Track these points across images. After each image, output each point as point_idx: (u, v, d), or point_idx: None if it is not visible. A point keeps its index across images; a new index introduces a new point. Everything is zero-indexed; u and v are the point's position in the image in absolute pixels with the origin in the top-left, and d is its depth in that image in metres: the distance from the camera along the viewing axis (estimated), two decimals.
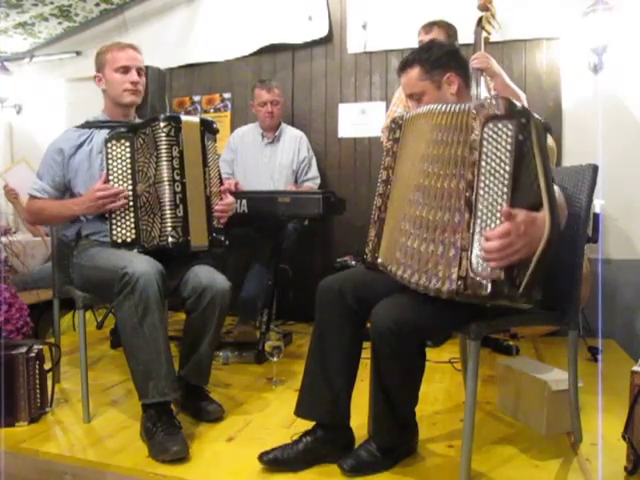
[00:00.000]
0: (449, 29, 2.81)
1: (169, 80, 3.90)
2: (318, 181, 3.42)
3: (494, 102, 1.31)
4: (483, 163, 1.30)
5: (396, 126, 1.65)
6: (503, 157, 1.26)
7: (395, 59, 3.48)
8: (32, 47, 4.29)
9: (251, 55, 3.80)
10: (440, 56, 1.69)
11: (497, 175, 1.27)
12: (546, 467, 1.66)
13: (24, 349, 1.95)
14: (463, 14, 2.95)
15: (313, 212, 2.62)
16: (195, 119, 2.08)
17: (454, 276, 1.31)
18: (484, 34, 2.81)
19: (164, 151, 1.95)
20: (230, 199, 2.16)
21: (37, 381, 1.97)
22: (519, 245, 1.24)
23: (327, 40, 3.64)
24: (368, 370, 1.68)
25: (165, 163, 1.94)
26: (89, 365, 2.07)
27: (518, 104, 1.31)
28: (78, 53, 4.18)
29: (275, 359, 2.37)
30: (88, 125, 2.15)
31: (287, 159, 3.34)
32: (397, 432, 1.64)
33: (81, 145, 2.10)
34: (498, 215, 1.27)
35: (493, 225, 1.28)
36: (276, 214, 2.65)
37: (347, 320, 1.68)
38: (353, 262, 3.09)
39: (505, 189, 1.26)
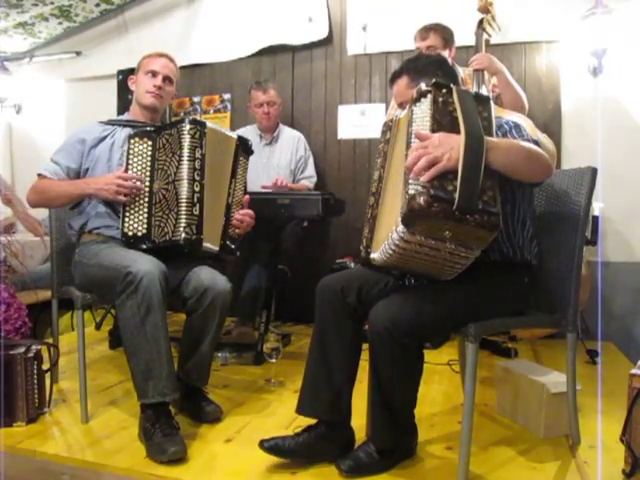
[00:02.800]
0: (445, 33, 2.81)
1: None
2: (314, 180, 3.42)
3: (419, 87, 1.51)
4: (413, 127, 1.46)
5: (386, 128, 1.70)
6: (425, 115, 1.45)
7: (395, 61, 3.49)
8: (32, 47, 4.29)
9: (251, 56, 3.80)
10: (426, 65, 1.73)
11: (421, 128, 1.44)
12: (544, 469, 1.66)
13: (22, 349, 1.94)
14: (463, 16, 2.95)
15: (312, 213, 2.62)
16: (233, 134, 2.21)
17: (401, 212, 1.36)
18: (485, 36, 2.82)
19: (187, 151, 1.99)
20: (251, 211, 2.22)
21: (35, 381, 1.97)
22: (438, 153, 1.33)
23: (327, 41, 3.65)
24: (366, 372, 1.68)
25: (187, 162, 1.98)
26: (87, 365, 2.06)
27: (441, 82, 1.49)
28: (78, 53, 4.18)
29: (274, 360, 2.38)
30: (112, 122, 2.20)
31: (285, 160, 3.35)
32: (395, 434, 1.64)
33: (104, 138, 2.15)
34: None
35: None
36: (275, 215, 2.65)
37: (347, 318, 1.69)
38: (352, 263, 3.09)
39: (428, 132, 1.41)
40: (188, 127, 2.01)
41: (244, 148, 2.23)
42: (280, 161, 3.35)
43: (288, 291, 3.37)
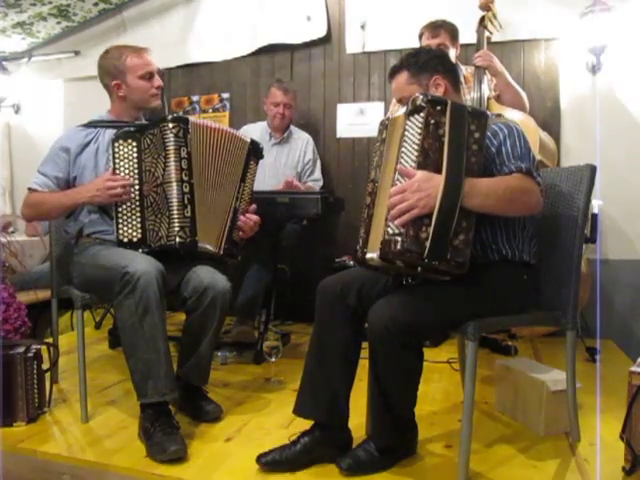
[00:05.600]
0: (453, 31, 2.81)
1: (168, 80, 3.90)
2: (320, 183, 3.41)
3: (414, 99, 1.50)
4: (403, 149, 1.51)
5: (382, 127, 1.69)
6: (415, 139, 1.48)
7: (394, 59, 3.48)
8: (30, 47, 4.28)
9: (250, 55, 3.80)
10: (427, 60, 1.72)
11: (409, 153, 1.49)
12: (544, 467, 1.66)
13: (22, 349, 1.95)
14: (464, 14, 2.94)
15: (311, 212, 2.62)
16: (247, 138, 2.18)
17: (379, 242, 1.49)
18: (486, 33, 2.82)
19: (172, 152, 1.96)
20: (257, 217, 2.19)
21: (35, 381, 1.97)
22: (414, 199, 1.42)
23: (326, 40, 3.64)
24: (366, 370, 1.68)
25: (173, 164, 1.95)
26: (87, 365, 2.06)
27: (437, 96, 1.51)
28: (76, 53, 4.17)
29: (273, 359, 2.38)
30: (94, 124, 2.16)
31: (292, 161, 3.35)
32: (395, 432, 1.64)
33: (87, 144, 2.10)
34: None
35: None
36: (275, 214, 2.65)
37: (347, 320, 1.68)
38: (351, 262, 3.08)
39: (413, 164, 1.47)
40: (170, 126, 1.96)
41: (255, 152, 2.20)
42: (288, 161, 3.34)
43: (288, 290, 3.37)
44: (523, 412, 1.96)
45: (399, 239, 1.43)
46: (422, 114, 1.46)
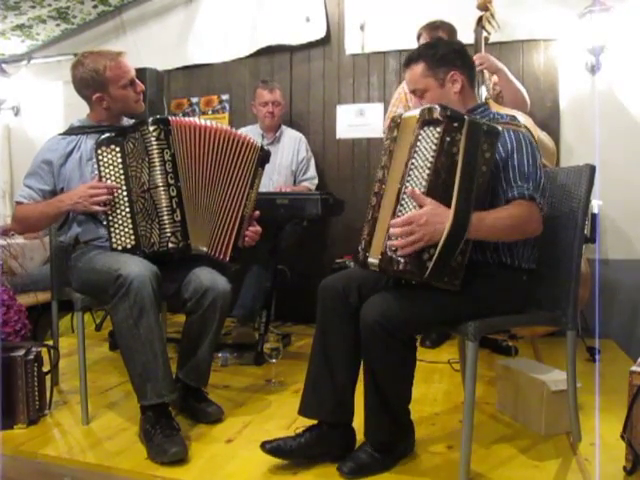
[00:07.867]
0: (451, 31, 2.81)
1: (167, 82, 3.89)
2: (316, 181, 3.43)
3: (431, 109, 1.46)
4: (413, 160, 1.48)
5: (394, 125, 1.63)
6: (428, 155, 1.45)
7: (393, 60, 3.49)
8: (30, 49, 4.28)
9: (249, 57, 3.80)
10: (446, 53, 1.68)
11: (420, 169, 1.47)
12: (545, 467, 1.66)
13: (22, 351, 1.95)
14: (462, 14, 2.94)
15: (311, 213, 2.62)
16: (257, 143, 2.13)
17: (380, 252, 1.51)
18: (484, 34, 2.82)
19: (156, 156, 1.91)
20: (259, 228, 2.18)
21: (36, 383, 1.97)
22: (420, 234, 1.42)
23: (325, 41, 3.64)
24: None
25: (158, 168, 1.90)
26: (88, 367, 2.06)
27: (455, 111, 1.45)
28: (76, 55, 4.13)
29: (274, 361, 2.38)
30: (75, 132, 2.11)
31: (286, 160, 3.36)
32: (390, 428, 1.63)
33: (70, 153, 2.06)
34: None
35: (409, 210, 1.47)
36: (274, 215, 2.65)
37: (349, 318, 1.68)
38: (352, 263, 3.09)
39: (424, 182, 1.45)
40: (151, 129, 1.91)
41: (264, 158, 2.14)
42: (282, 161, 3.35)
43: (288, 291, 3.37)
44: (524, 412, 1.96)
45: (401, 260, 1.44)
46: (438, 129, 1.44)
